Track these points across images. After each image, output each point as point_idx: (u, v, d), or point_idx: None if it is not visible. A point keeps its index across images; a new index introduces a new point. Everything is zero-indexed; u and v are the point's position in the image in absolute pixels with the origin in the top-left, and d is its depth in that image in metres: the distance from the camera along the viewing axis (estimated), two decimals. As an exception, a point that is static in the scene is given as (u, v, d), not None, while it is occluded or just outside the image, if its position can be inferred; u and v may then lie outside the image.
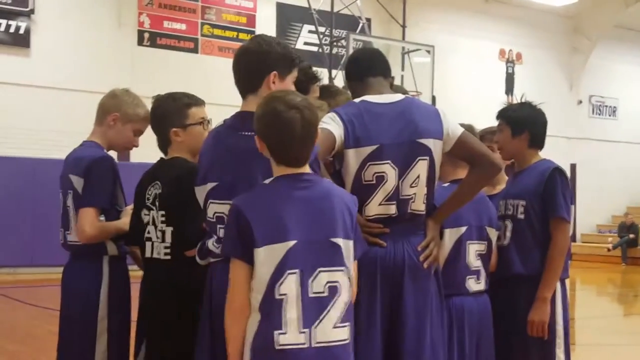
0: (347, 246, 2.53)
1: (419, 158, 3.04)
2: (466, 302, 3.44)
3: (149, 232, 3.26)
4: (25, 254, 13.59)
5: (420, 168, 3.04)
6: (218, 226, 2.86)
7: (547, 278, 3.57)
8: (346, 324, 2.50)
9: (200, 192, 2.93)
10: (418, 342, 3.00)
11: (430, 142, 3.05)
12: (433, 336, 3.06)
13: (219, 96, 10.23)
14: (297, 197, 2.52)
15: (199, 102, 3.44)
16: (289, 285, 2.43)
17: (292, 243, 2.45)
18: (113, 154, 3.78)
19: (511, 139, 3.76)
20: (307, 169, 2.60)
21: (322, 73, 3.90)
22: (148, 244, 3.28)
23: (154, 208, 3.24)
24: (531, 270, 3.60)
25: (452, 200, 3.23)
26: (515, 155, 3.82)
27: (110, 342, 3.47)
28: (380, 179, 3.00)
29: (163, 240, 3.21)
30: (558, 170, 3.65)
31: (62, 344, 3.60)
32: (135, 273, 3.75)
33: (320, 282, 2.46)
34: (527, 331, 3.56)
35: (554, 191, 3.62)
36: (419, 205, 3.07)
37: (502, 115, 3.84)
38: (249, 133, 2.83)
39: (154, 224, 3.24)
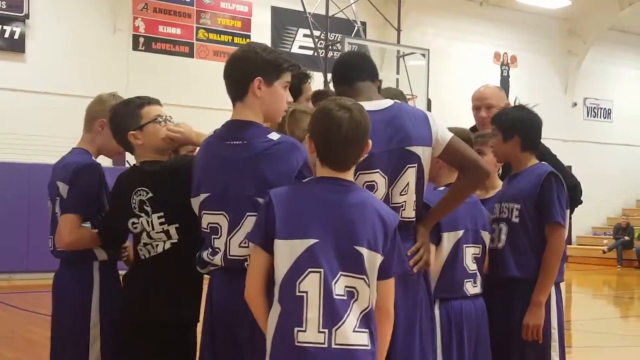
0: (371, 257, 2.53)
1: (408, 166, 3.02)
2: (464, 306, 3.45)
3: (149, 237, 3.20)
4: (20, 259, 13.54)
5: (409, 175, 3.03)
6: (212, 237, 2.88)
7: (542, 282, 3.57)
8: (365, 330, 2.51)
9: (195, 203, 2.96)
10: (407, 347, 2.99)
11: (419, 150, 3.04)
12: (422, 341, 3.06)
13: (215, 100, 10.23)
14: (328, 200, 2.56)
15: (152, 101, 3.40)
16: (311, 284, 2.47)
17: (312, 241, 2.50)
18: (107, 159, 3.76)
19: (502, 143, 3.75)
20: (349, 175, 2.63)
21: (317, 77, 3.95)
22: (144, 249, 3.23)
23: (144, 214, 3.18)
24: (526, 274, 3.60)
25: (441, 205, 3.22)
26: (509, 159, 3.81)
27: (104, 349, 3.47)
28: (371, 188, 2.97)
29: (169, 238, 3.18)
30: (554, 175, 3.65)
31: (54, 352, 3.60)
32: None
33: (340, 285, 2.49)
34: (522, 335, 3.57)
35: (549, 196, 3.62)
36: (409, 213, 3.06)
37: (494, 120, 3.85)
38: (238, 142, 2.86)
39: (152, 227, 3.18)
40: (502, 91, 4.69)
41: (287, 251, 2.52)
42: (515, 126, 3.73)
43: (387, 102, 3.15)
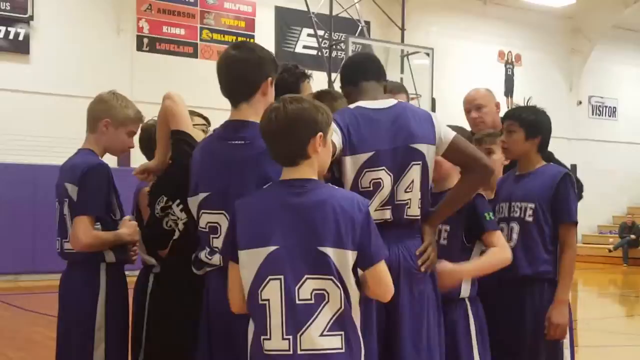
0: (339, 256, 2.45)
1: (413, 163, 3.04)
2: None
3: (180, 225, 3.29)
4: (26, 260, 13.58)
5: (414, 173, 3.04)
6: (211, 236, 2.88)
7: (565, 280, 3.61)
8: (338, 332, 2.45)
9: (193, 202, 2.94)
10: (415, 345, 2.99)
11: (423, 147, 3.06)
12: (430, 339, 3.06)
13: (219, 101, 10.20)
14: (286, 204, 2.50)
15: (199, 115, 3.69)
16: (272, 291, 2.44)
17: (272, 248, 2.46)
18: (112, 160, 3.77)
19: (524, 141, 3.76)
20: (306, 172, 2.55)
21: (321, 76, 3.94)
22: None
23: (171, 210, 3.27)
24: (538, 272, 3.63)
25: (446, 204, 3.22)
26: (522, 157, 3.82)
27: (108, 351, 3.47)
28: (377, 185, 3.00)
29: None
30: (568, 176, 3.70)
31: (59, 353, 3.59)
32: (133, 279, 3.76)
33: (306, 289, 2.43)
34: (534, 331, 3.57)
35: (566, 196, 3.66)
36: (414, 211, 3.07)
37: (515, 116, 3.82)
38: (240, 142, 2.85)
39: (177, 217, 3.26)
40: (492, 93, 4.72)
41: (249, 261, 2.49)
42: (540, 126, 3.77)
43: (391, 101, 3.18)
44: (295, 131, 2.52)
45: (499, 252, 3.37)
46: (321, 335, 2.42)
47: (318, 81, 4.48)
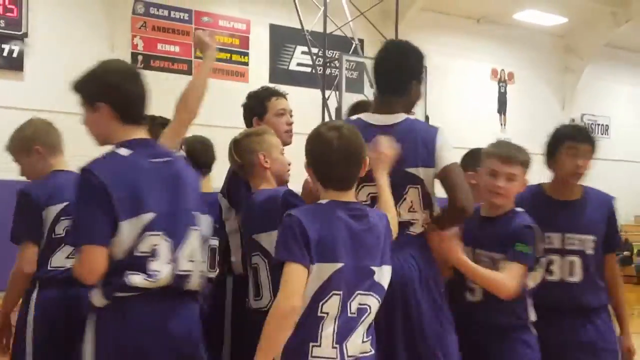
0: (382, 273, 2.70)
1: (409, 186, 3.07)
2: None
3: None
4: (18, 277, 13.49)
5: (412, 195, 3.07)
6: (149, 259, 2.69)
7: (626, 309, 3.67)
8: (369, 338, 2.68)
9: (131, 225, 2.68)
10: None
11: (419, 171, 3.06)
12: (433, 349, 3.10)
13: (213, 118, 10.21)
14: (350, 224, 2.65)
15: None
16: (332, 305, 2.58)
17: (339, 265, 2.59)
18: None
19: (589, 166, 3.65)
20: (353, 196, 2.74)
21: (315, 93, 3.96)
22: None
23: None
24: (601, 303, 3.62)
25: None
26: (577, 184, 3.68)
27: None
28: (375, 199, 3.03)
29: None
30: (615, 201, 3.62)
31: None
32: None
33: (355, 303, 2.63)
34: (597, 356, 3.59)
35: (616, 224, 3.70)
36: (417, 229, 3.13)
37: (592, 142, 3.78)
38: (167, 158, 2.89)
39: None
40: None
41: (316, 274, 2.57)
42: None
43: (399, 117, 3.16)
44: (361, 155, 2.71)
45: (503, 279, 3.18)
46: (362, 342, 2.65)
47: (312, 98, 4.50)
